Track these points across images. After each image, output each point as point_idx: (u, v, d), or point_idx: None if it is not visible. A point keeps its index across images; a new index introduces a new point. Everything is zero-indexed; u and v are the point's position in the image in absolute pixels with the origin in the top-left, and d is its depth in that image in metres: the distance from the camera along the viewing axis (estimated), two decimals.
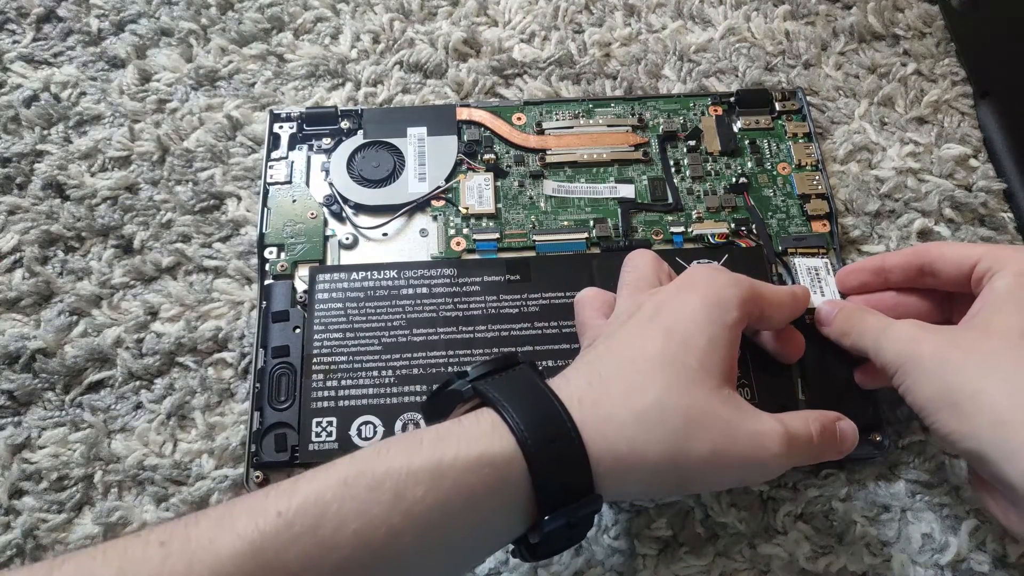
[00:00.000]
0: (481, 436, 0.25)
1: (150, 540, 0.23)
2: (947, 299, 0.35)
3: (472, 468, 0.24)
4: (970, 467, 0.33)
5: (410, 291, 0.38)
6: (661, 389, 0.27)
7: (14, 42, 0.46)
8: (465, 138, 0.43)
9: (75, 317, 0.39)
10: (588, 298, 0.34)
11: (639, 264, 0.34)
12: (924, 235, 0.41)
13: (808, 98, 0.45)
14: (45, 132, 0.44)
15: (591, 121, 0.44)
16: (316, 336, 0.36)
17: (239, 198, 0.42)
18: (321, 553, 0.23)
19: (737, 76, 0.46)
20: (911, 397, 0.30)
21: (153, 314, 0.39)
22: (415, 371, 0.36)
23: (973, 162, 0.43)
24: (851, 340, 0.34)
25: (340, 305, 0.37)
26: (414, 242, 0.40)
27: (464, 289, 0.38)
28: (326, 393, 0.35)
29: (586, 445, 0.26)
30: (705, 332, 0.29)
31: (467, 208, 0.41)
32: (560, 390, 0.27)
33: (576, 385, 0.28)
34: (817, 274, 0.39)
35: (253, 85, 0.45)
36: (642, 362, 0.28)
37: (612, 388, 0.27)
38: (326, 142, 0.42)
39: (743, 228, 0.40)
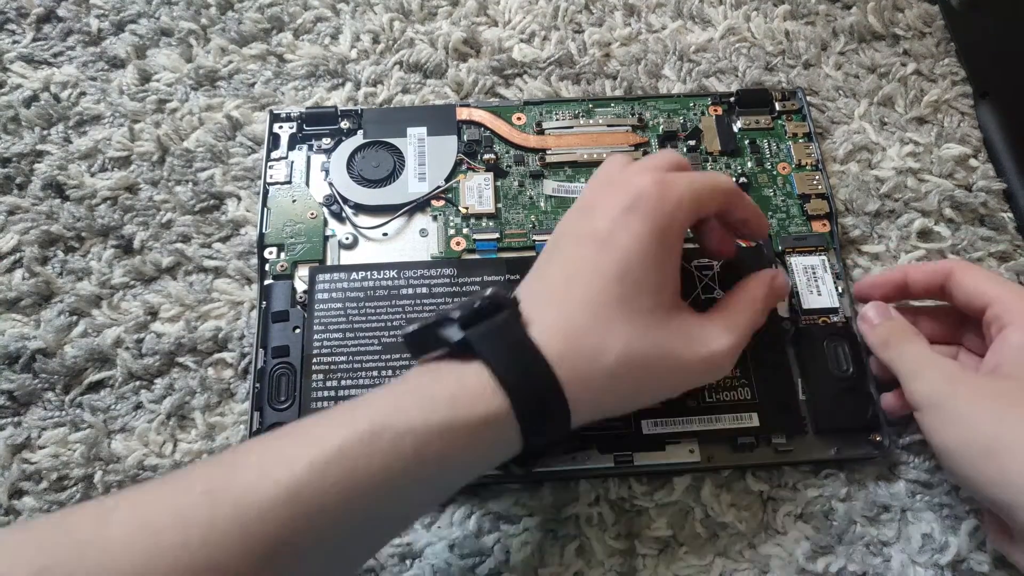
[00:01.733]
0: (483, 398, 0.27)
1: (194, 487, 0.24)
2: (961, 317, 0.35)
3: (478, 428, 0.27)
4: (988, 518, 0.33)
5: (410, 291, 0.38)
6: (623, 344, 0.29)
7: (14, 42, 0.46)
8: (465, 138, 0.43)
9: (75, 317, 0.39)
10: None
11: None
12: (924, 235, 0.41)
13: (808, 98, 0.45)
14: (45, 132, 0.44)
15: (591, 121, 0.44)
16: (316, 336, 0.36)
17: (239, 198, 0.42)
18: (353, 499, 0.25)
19: (737, 76, 0.46)
20: (938, 438, 0.31)
21: (153, 314, 0.39)
22: None
23: (973, 162, 0.43)
24: (888, 355, 0.34)
25: (340, 305, 0.37)
26: (414, 242, 0.40)
27: (464, 289, 0.38)
28: (326, 393, 0.35)
29: (568, 402, 0.28)
30: (657, 267, 0.30)
31: (467, 208, 0.41)
32: (543, 345, 0.28)
33: (552, 335, 0.28)
34: (814, 272, 0.39)
35: (253, 85, 0.45)
36: (603, 309, 0.29)
37: (583, 344, 0.29)
38: (326, 142, 0.42)
39: None
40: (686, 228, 0.32)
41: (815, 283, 0.39)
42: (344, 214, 0.40)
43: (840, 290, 0.39)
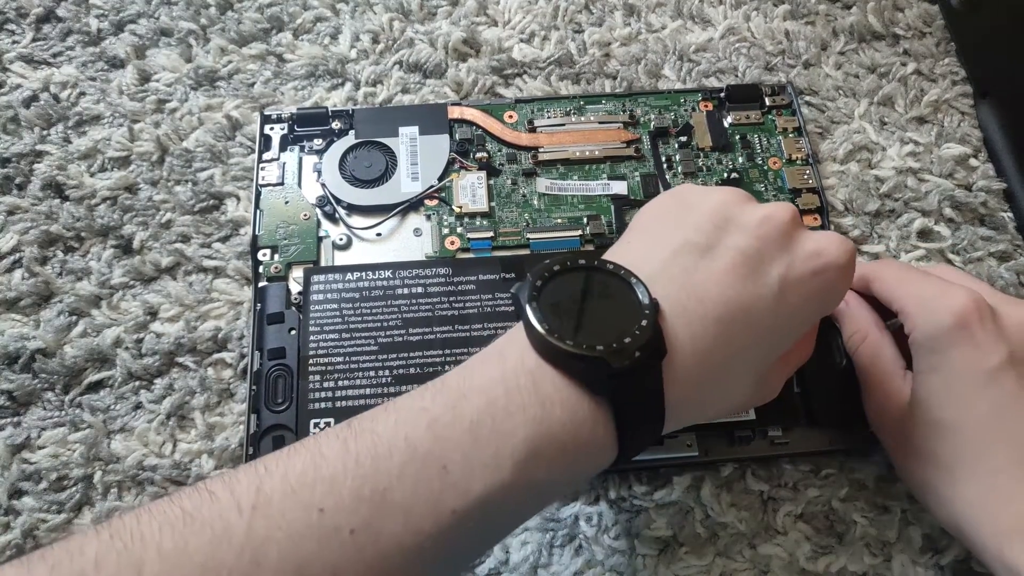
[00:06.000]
0: (596, 440, 0.26)
1: (342, 527, 0.24)
2: None
3: (583, 457, 0.26)
4: None
5: (405, 291, 0.38)
6: (730, 403, 0.30)
7: (14, 42, 0.47)
8: (457, 137, 0.43)
9: (75, 317, 0.39)
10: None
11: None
12: (924, 235, 0.41)
13: (808, 98, 0.45)
14: (45, 132, 0.44)
15: (583, 118, 0.43)
16: (312, 337, 0.36)
17: (238, 198, 0.42)
18: (485, 538, 0.27)
19: (737, 76, 0.46)
20: (891, 457, 0.34)
21: (152, 314, 0.39)
22: (412, 371, 0.36)
23: (973, 162, 0.43)
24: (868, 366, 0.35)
25: (335, 306, 0.37)
26: (408, 242, 0.40)
27: (459, 288, 0.38)
28: (323, 394, 0.35)
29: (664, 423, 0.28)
30: (801, 333, 0.30)
31: (460, 207, 0.41)
32: (667, 389, 0.26)
33: (678, 383, 0.27)
34: None
35: (252, 85, 0.45)
36: (736, 362, 0.28)
37: (700, 395, 0.28)
38: (317, 143, 0.42)
39: None
40: None
41: None
42: (337, 215, 0.40)
43: None
